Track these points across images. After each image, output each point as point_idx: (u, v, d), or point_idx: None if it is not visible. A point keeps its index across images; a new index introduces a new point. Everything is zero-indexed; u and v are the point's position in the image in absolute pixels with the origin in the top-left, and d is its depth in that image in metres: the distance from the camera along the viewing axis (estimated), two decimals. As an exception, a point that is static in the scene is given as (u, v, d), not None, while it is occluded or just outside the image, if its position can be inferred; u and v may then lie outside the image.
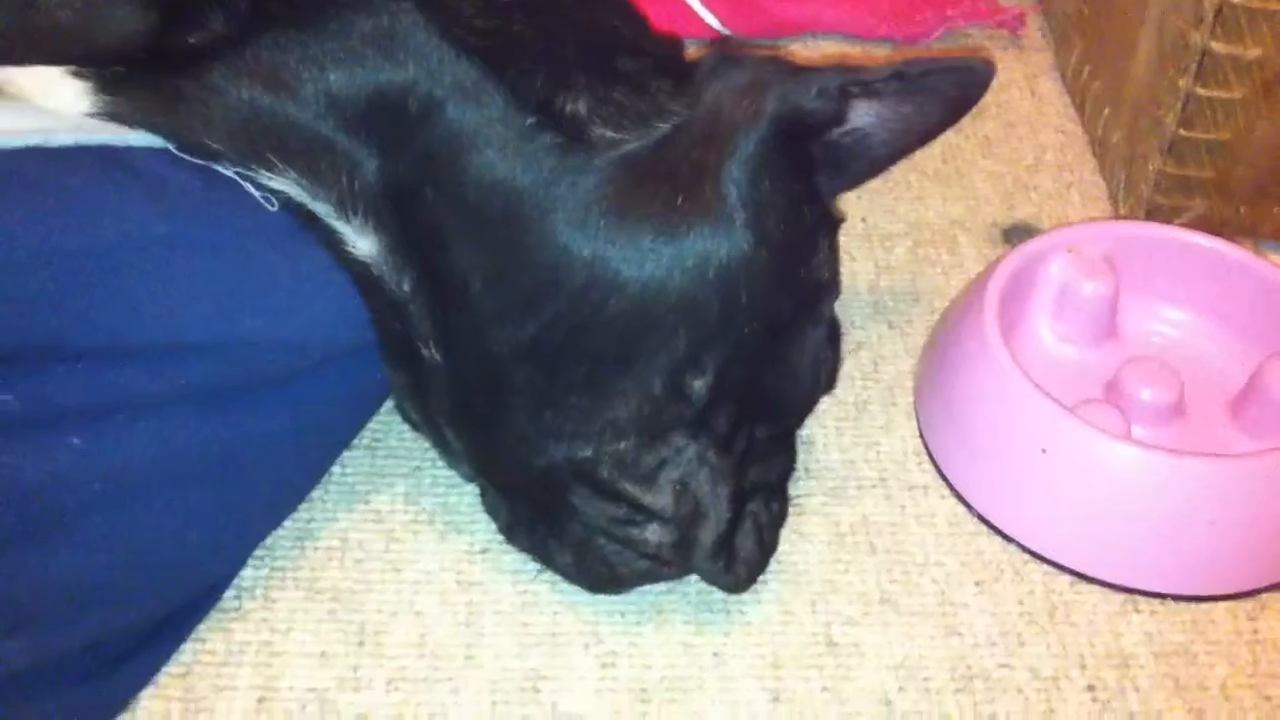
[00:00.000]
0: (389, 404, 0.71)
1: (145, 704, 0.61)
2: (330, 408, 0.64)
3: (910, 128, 0.68)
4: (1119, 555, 0.67)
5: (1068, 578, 0.69)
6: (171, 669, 0.62)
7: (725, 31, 1.02)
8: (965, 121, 0.80)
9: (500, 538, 0.68)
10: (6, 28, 0.53)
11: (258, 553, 0.66)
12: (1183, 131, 0.81)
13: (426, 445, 0.71)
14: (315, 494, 0.69)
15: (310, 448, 0.64)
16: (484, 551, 0.68)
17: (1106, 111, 0.91)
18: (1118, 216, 0.88)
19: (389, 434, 0.72)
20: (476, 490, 0.69)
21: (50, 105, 0.53)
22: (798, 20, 1.02)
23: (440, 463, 0.70)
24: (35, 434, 0.51)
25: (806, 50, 1.01)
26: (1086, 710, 0.64)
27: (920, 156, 0.75)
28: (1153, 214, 0.85)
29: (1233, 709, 0.64)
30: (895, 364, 0.79)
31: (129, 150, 0.54)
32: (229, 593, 0.65)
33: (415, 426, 0.68)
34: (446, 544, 0.69)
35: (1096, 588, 0.68)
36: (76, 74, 0.54)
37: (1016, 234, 0.87)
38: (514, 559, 0.68)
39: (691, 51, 0.69)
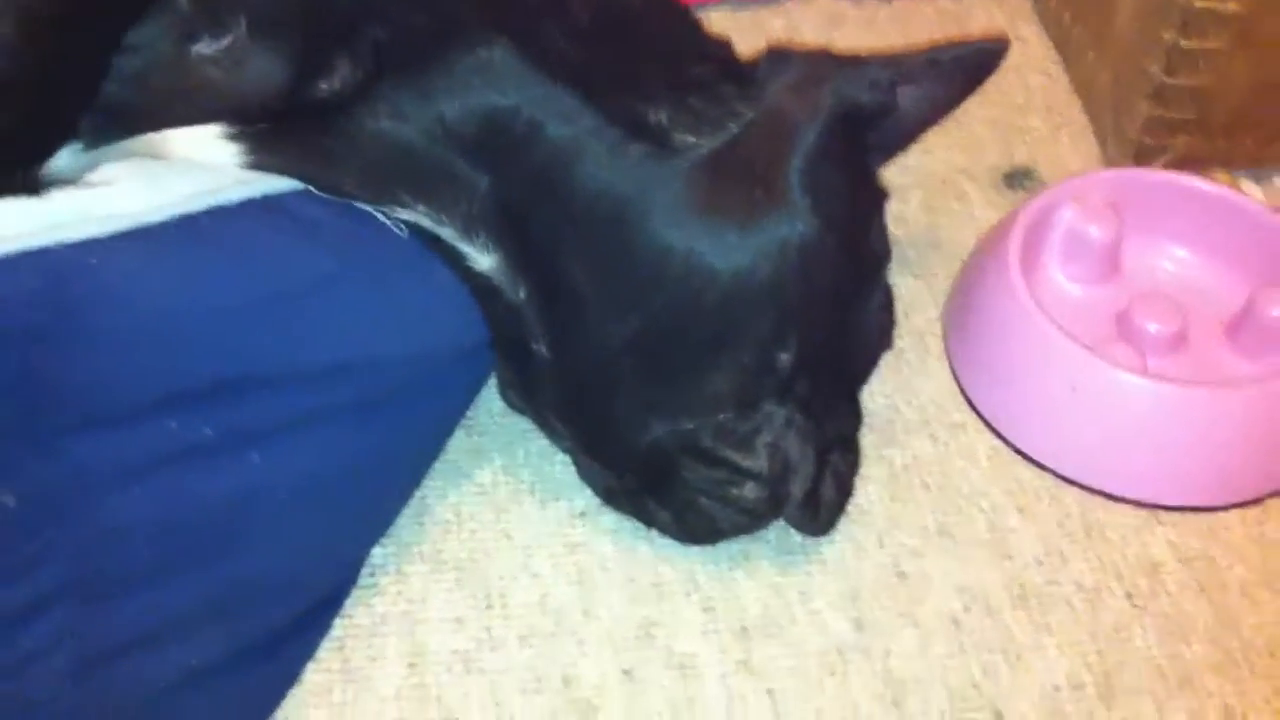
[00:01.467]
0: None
1: (309, 677, 0.68)
2: (448, 402, 0.71)
3: (938, 103, 0.76)
4: (1142, 476, 0.77)
5: (1099, 499, 0.78)
6: (327, 644, 0.69)
7: (721, -8, 1.08)
8: None
9: (596, 501, 0.75)
10: (163, 88, 0.58)
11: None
12: (1167, 79, 0.89)
13: (516, 421, 0.78)
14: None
15: (434, 437, 0.71)
16: (583, 515, 0.76)
17: (1090, 56, 0.99)
18: (1106, 156, 0.96)
19: (480, 415, 0.79)
20: (567, 459, 0.77)
21: (207, 157, 0.59)
22: (791, -24, 1.07)
23: (530, 436, 0.78)
24: (226, 456, 0.58)
25: (803, 8, 1.07)
26: (1126, 616, 0.73)
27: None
28: (1140, 153, 0.93)
29: (1250, 604, 0.74)
30: (923, 313, 0.87)
31: (281, 197, 0.60)
32: (364, 571, 0.72)
33: (518, 410, 0.75)
34: (548, 511, 0.76)
35: (1124, 506, 0.77)
36: (227, 133, 0.60)
37: (1016, 177, 0.95)
38: (611, 520, 0.75)
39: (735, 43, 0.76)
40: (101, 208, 0.53)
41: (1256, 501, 0.78)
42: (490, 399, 0.78)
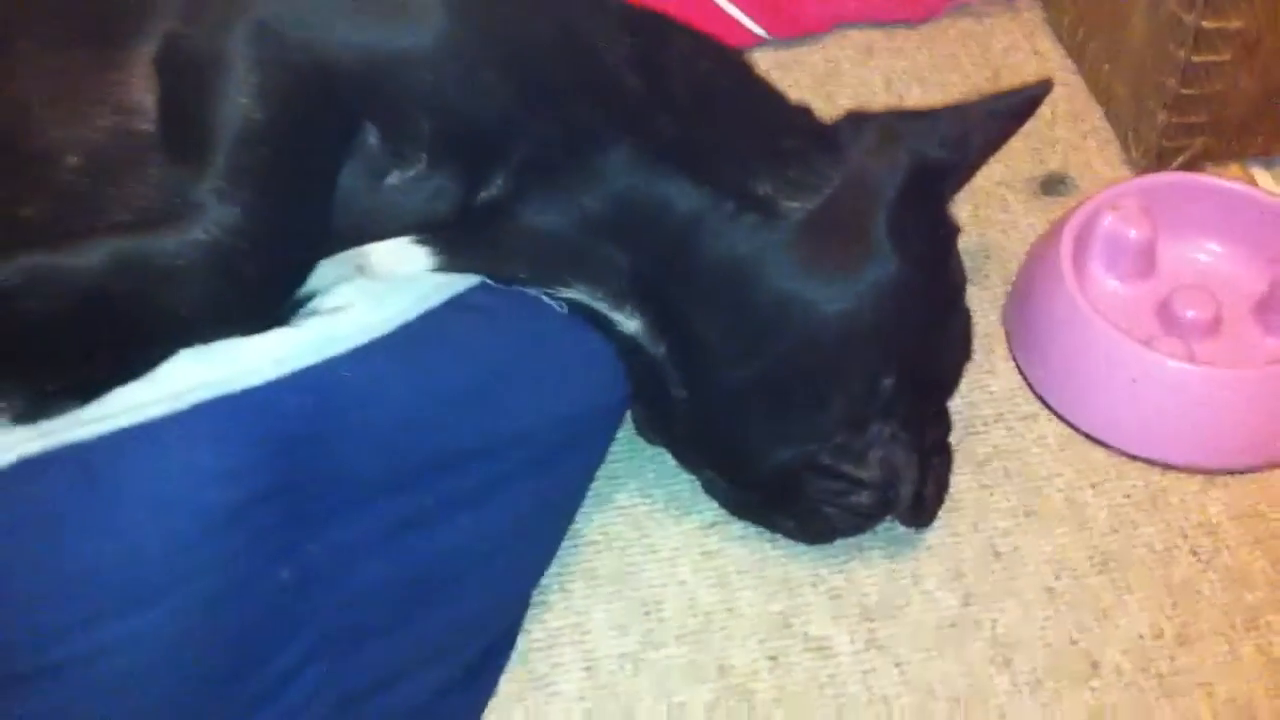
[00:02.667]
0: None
1: (503, 688, 0.80)
2: (598, 448, 0.82)
3: (993, 143, 0.87)
4: (1197, 447, 0.88)
5: (1158, 470, 0.89)
6: (513, 657, 0.81)
7: (760, 33, 1.19)
8: (986, 86, 0.99)
9: (723, 513, 0.87)
10: (362, 212, 0.69)
11: (546, 555, 0.85)
12: (1182, 90, 1.00)
13: (642, 448, 0.89)
14: (574, 503, 0.87)
15: (588, 478, 0.83)
16: (714, 525, 0.87)
17: (1107, 68, 1.10)
18: (1130, 158, 1.07)
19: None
20: (691, 478, 0.88)
21: (403, 269, 0.70)
22: (825, 15, 1.18)
23: (656, 460, 0.89)
24: (443, 520, 0.69)
25: (838, 42, 1.18)
26: (1194, 570, 0.85)
27: None
28: (1161, 154, 1.04)
29: (1301, 552, 0.85)
30: (984, 316, 0.98)
31: (468, 294, 0.71)
32: (535, 592, 0.84)
33: (653, 442, 0.86)
34: (683, 524, 0.87)
35: (1182, 474, 0.89)
36: (418, 241, 0.71)
37: (1052, 184, 1.07)
38: (738, 527, 0.87)
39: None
40: (345, 329, 0.63)
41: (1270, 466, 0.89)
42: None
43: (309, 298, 0.66)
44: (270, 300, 0.64)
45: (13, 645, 0.59)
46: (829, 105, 1.06)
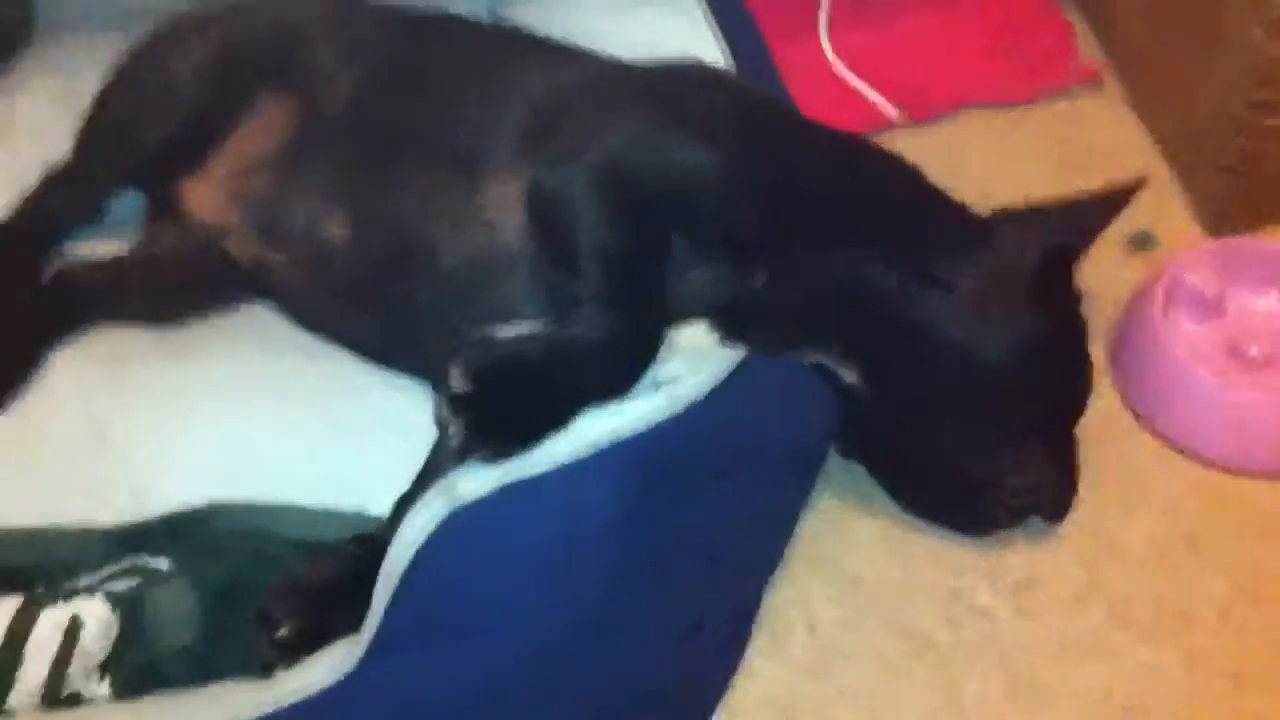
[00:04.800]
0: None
1: (752, 644, 1.08)
2: (819, 464, 1.10)
3: (1103, 225, 1.13)
4: (1260, 456, 1.16)
5: (1230, 474, 1.17)
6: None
7: (893, 114, 1.46)
8: (1081, 156, 1.27)
9: (902, 513, 1.14)
10: (675, 297, 0.96)
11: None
12: (1241, 169, 1.28)
13: (841, 463, 1.17)
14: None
15: (813, 484, 1.11)
16: (896, 521, 1.15)
17: (1180, 144, 1.37)
18: (1200, 218, 1.35)
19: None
20: (876, 485, 1.16)
21: (700, 345, 0.97)
22: (950, 99, 1.46)
23: (848, 471, 1.16)
24: (735, 514, 0.98)
25: (962, 122, 1.45)
26: (1260, 547, 1.12)
27: (1062, 189, 1.19)
28: (1226, 217, 1.32)
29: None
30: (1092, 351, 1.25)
31: (743, 360, 0.98)
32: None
33: (850, 458, 1.14)
34: (875, 521, 1.15)
35: (1246, 477, 1.17)
36: (710, 326, 0.99)
37: (1138, 241, 1.34)
38: (915, 524, 1.14)
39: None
40: (684, 392, 0.91)
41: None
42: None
43: (649, 369, 0.94)
44: (639, 374, 0.92)
45: (458, 608, 0.87)
46: (955, 176, 1.33)
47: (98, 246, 1.22)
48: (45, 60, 1.38)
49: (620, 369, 0.91)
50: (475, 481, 0.85)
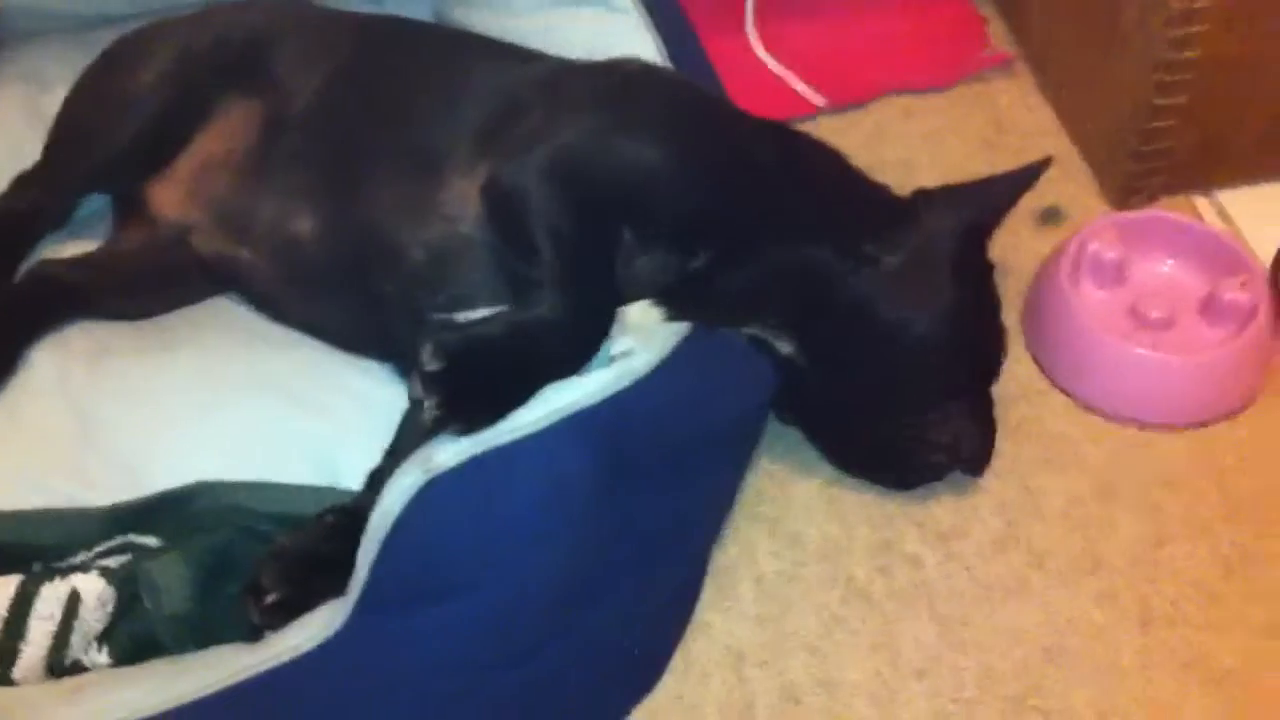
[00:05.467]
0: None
1: (702, 598, 1.17)
2: (758, 431, 1.19)
3: (1013, 201, 1.23)
4: (1163, 411, 1.26)
5: (1136, 427, 1.27)
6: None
7: (819, 101, 1.55)
8: (996, 137, 1.37)
9: (837, 472, 1.24)
10: (624, 282, 1.05)
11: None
12: (1142, 147, 1.38)
13: (777, 428, 1.26)
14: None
15: (754, 449, 1.20)
16: (832, 481, 1.24)
17: (1085, 124, 1.48)
18: (1104, 194, 1.45)
19: (754, 424, 1.27)
20: (812, 448, 1.25)
21: (647, 323, 1.05)
22: (873, 85, 1.55)
23: (786, 436, 1.26)
24: (685, 487, 1.06)
25: (881, 107, 1.55)
26: (1167, 494, 1.23)
27: (978, 169, 1.30)
28: (1128, 191, 1.42)
29: (1237, 464, 1.24)
30: (1006, 318, 1.34)
31: (686, 335, 1.06)
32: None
33: (787, 423, 1.23)
34: (811, 480, 1.24)
35: (1153, 430, 1.27)
36: (655, 302, 1.07)
37: (1049, 215, 1.44)
38: (849, 482, 1.23)
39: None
40: (637, 365, 0.99)
41: (1228, 416, 1.28)
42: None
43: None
44: (595, 350, 1.00)
45: (439, 569, 0.95)
46: (878, 158, 1.43)
47: (67, 246, 1.29)
48: (11, 69, 1.44)
49: (577, 345, 0.99)
50: (449, 452, 0.92)
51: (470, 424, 0.93)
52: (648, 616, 1.11)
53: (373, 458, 1.12)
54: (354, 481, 1.12)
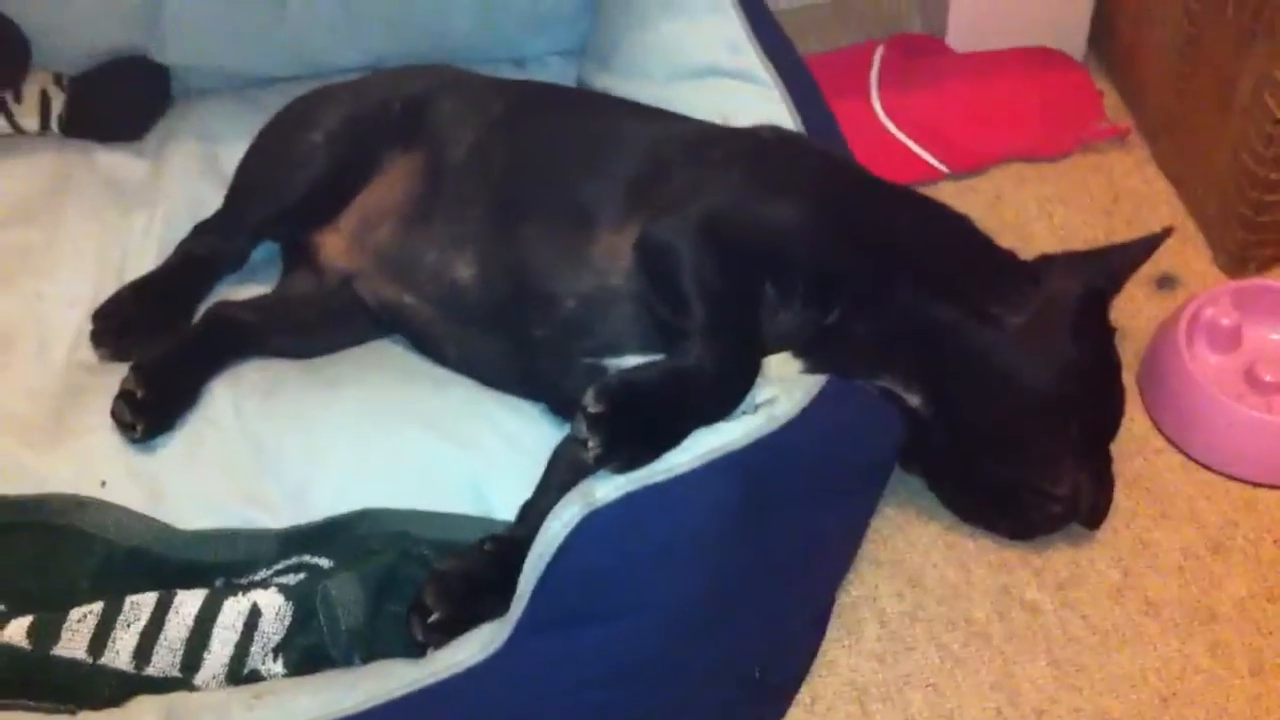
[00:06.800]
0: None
1: (827, 635, 1.24)
2: (885, 476, 1.26)
3: (1133, 269, 1.29)
4: (1274, 470, 1.31)
5: (1249, 486, 1.32)
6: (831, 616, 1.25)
7: (943, 168, 1.63)
8: (1111, 205, 1.42)
9: (956, 519, 1.30)
10: (768, 335, 1.12)
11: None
12: (1256, 218, 1.44)
13: (901, 476, 1.32)
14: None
15: (879, 497, 1.27)
16: (950, 527, 1.30)
17: (1199, 193, 1.53)
18: (1218, 261, 1.51)
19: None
20: (933, 495, 1.31)
21: (787, 373, 1.13)
22: (992, 154, 1.62)
23: (908, 483, 1.32)
24: (819, 520, 1.13)
25: (999, 174, 1.62)
26: (1276, 552, 1.28)
27: (1094, 236, 1.36)
28: (1241, 260, 1.47)
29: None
30: (1124, 379, 1.41)
31: (824, 385, 1.14)
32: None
33: (913, 473, 1.30)
34: (930, 526, 1.30)
35: (1264, 489, 1.32)
36: (795, 354, 1.14)
37: (1165, 282, 1.50)
38: (967, 529, 1.29)
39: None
40: (780, 412, 1.06)
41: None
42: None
43: (745, 394, 1.10)
44: (742, 397, 1.08)
45: (596, 593, 1.03)
46: (998, 223, 1.50)
47: (243, 289, 1.39)
48: (186, 125, 1.56)
49: (726, 393, 1.06)
50: (608, 487, 1.00)
51: (629, 463, 1.01)
52: (778, 647, 1.18)
53: (520, 490, 1.20)
54: (503, 511, 1.20)
